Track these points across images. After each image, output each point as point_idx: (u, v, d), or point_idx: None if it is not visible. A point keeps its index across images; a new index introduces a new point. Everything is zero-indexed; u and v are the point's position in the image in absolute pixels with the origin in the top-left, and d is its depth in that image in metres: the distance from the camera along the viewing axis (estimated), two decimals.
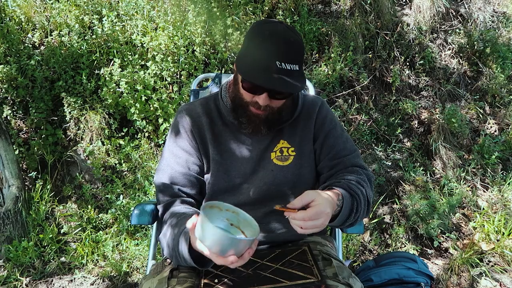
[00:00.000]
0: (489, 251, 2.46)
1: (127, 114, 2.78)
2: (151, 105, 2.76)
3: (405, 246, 2.55)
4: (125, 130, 2.83)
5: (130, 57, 2.81)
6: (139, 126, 2.78)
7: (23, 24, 2.89)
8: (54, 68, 2.76)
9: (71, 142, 2.81)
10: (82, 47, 2.77)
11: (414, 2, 3.67)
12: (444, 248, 2.59)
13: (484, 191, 2.99)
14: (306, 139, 1.29)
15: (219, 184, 1.25)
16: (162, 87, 2.80)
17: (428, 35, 3.62)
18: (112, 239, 2.43)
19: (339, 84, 3.24)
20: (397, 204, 2.81)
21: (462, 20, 3.77)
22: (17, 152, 2.64)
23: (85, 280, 2.25)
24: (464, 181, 2.99)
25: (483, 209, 2.76)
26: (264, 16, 3.21)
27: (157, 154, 2.82)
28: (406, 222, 2.67)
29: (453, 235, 2.60)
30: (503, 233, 2.53)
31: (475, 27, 3.72)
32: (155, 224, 1.49)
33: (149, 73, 2.75)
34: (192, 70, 2.88)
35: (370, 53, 3.42)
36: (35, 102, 2.71)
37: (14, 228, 2.37)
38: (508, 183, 2.93)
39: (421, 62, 3.52)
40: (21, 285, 2.19)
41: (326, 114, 1.33)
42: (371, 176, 1.26)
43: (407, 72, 3.52)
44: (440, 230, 2.62)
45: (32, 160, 2.69)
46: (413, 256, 1.88)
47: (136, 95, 2.71)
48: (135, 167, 2.74)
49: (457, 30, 3.71)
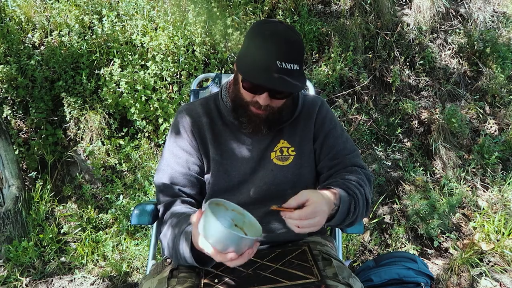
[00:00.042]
0: (489, 251, 2.46)
1: (127, 114, 2.78)
2: (151, 105, 2.76)
3: (405, 246, 2.55)
4: (125, 130, 2.83)
5: (130, 57, 2.81)
6: (139, 126, 2.78)
7: (23, 24, 2.89)
8: (54, 68, 2.76)
9: (71, 142, 2.81)
10: (82, 47, 2.77)
11: (414, 2, 3.67)
12: (444, 248, 2.59)
13: (484, 191, 2.99)
14: (306, 139, 1.29)
15: (219, 184, 1.25)
16: (162, 87, 2.80)
17: (428, 35, 3.62)
18: (112, 239, 2.43)
19: (339, 84, 3.24)
20: (397, 204, 2.81)
21: (462, 20, 3.77)
22: (17, 152, 2.64)
23: (85, 280, 2.25)
24: (464, 181, 2.99)
25: (483, 209, 2.76)
26: (264, 16, 3.21)
27: (157, 154, 2.82)
28: (406, 222, 2.67)
29: (453, 235, 2.60)
30: (503, 233, 2.53)
31: (475, 27, 3.72)
32: (155, 224, 1.49)
33: (149, 73, 2.75)
34: (192, 70, 2.88)
35: (370, 53, 3.42)
36: (35, 102, 2.71)
37: (14, 228, 2.37)
38: (508, 183, 2.93)
39: (421, 62, 3.52)
40: (21, 285, 2.19)
41: (326, 113, 1.33)
42: (370, 175, 1.26)
43: (407, 72, 3.52)
44: (440, 230, 2.62)
45: (32, 160, 2.69)
46: (413, 256, 1.88)
47: (136, 95, 2.72)
48: (135, 167, 2.74)
49: (457, 30, 3.71)
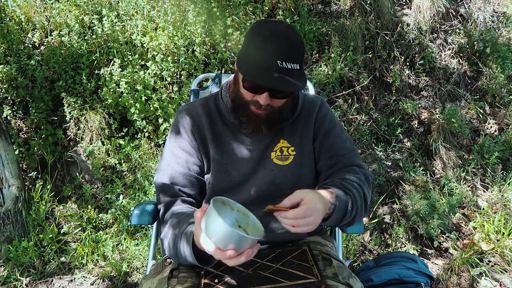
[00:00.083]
0: (489, 251, 2.46)
1: (127, 114, 2.78)
2: (151, 105, 2.76)
3: (405, 246, 2.55)
4: (125, 130, 2.83)
5: (130, 57, 2.81)
6: (139, 126, 2.78)
7: (23, 24, 2.89)
8: (54, 68, 2.76)
9: (71, 142, 2.81)
10: (82, 47, 2.77)
11: (414, 2, 3.67)
12: (444, 248, 2.59)
13: (484, 191, 2.99)
14: (306, 139, 1.29)
15: (219, 184, 1.25)
16: (162, 87, 2.80)
17: (428, 35, 3.62)
18: (112, 239, 2.43)
19: (339, 84, 3.24)
20: (397, 204, 2.81)
21: (462, 20, 3.77)
22: (17, 152, 2.64)
23: (85, 280, 2.25)
24: (464, 181, 2.99)
25: (483, 209, 2.76)
26: (264, 16, 3.21)
27: (157, 154, 2.82)
28: (406, 222, 2.67)
29: (453, 235, 2.60)
30: (503, 233, 2.53)
31: (475, 27, 3.72)
32: (155, 224, 1.49)
33: (149, 73, 2.75)
34: (192, 70, 2.88)
35: (370, 53, 3.42)
36: (35, 102, 2.71)
37: (14, 228, 2.37)
38: (508, 183, 2.93)
39: (421, 62, 3.52)
40: (21, 285, 2.19)
41: (326, 113, 1.33)
42: (369, 174, 1.26)
43: (407, 72, 3.52)
44: (440, 230, 2.62)
45: (32, 160, 2.69)
46: (413, 256, 1.88)
47: (136, 95, 2.71)
48: (135, 167, 2.74)
49: (457, 30, 3.71)
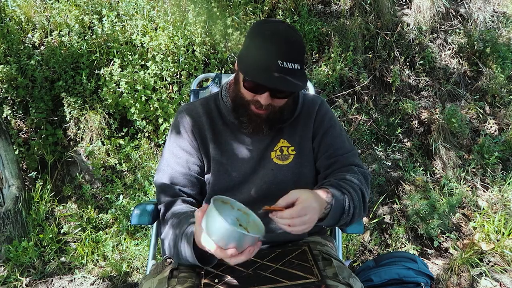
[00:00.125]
0: (489, 251, 2.46)
1: (127, 114, 2.78)
2: (151, 105, 2.76)
3: (405, 246, 2.55)
4: (125, 130, 2.83)
5: (130, 57, 2.81)
6: (139, 126, 2.78)
7: (23, 24, 2.89)
8: (54, 68, 2.76)
9: (71, 142, 2.81)
10: (82, 47, 2.77)
11: (414, 2, 3.67)
12: (444, 248, 2.59)
13: (484, 191, 2.99)
14: (306, 138, 1.29)
15: (219, 184, 1.25)
16: (162, 87, 2.80)
17: (428, 35, 3.62)
18: (112, 239, 2.43)
19: (339, 84, 3.24)
20: (397, 204, 2.81)
21: (462, 20, 3.77)
22: (17, 152, 2.64)
23: (85, 280, 2.25)
24: (464, 181, 2.99)
25: (483, 209, 2.76)
26: (264, 16, 3.21)
27: (157, 154, 2.82)
28: (406, 222, 2.67)
29: (453, 235, 2.60)
30: (503, 233, 2.53)
31: (475, 27, 3.72)
32: (155, 224, 1.49)
33: (149, 73, 2.75)
34: (192, 70, 2.88)
35: (370, 53, 3.42)
36: (35, 102, 2.71)
37: (14, 228, 2.37)
38: (508, 183, 2.93)
39: (421, 62, 3.52)
40: (21, 285, 2.19)
41: (326, 113, 1.33)
42: (367, 174, 1.26)
43: (407, 72, 3.52)
44: (440, 230, 2.62)
45: (32, 160, 2.69)
46: (413, 256, 1.88)
47: (136, 95, 2.71)
48: (135, 167, 2.74)
49: (457, 30, 3.71)
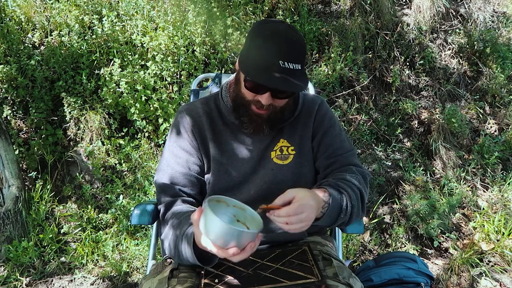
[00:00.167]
0: (489, 251, 2.46)
1: (127, 114, 2.78)
2: (151, 105, 2.76)
3: (405, 246, 2.55)
4: (125, 130, 2.83)
5: (130, 57, 2.81)
6: (139, 126, 2.78)
7: (23, 24, 2.89)
8: (54, 68, 2.76)
9: (71, 142, 2.81)
10: (82, 47, 2.77)
11: (414, 2, 3.67)
12: (444, 248, 2.59)
13: (484, 191, 2.99)
14: (306, 138, 1.30)
15: (219, 183, 1.25)
16: (162, 87, 2.80)
17: (428, 35, 3.62)
18: (112, 239, 2.43)
19: (339, 84, 3.24)
20: (397, 204, 2.81)
21: (462, 20, 3.77)
22: (17, 152, 2.64)
23: (85, 280, 2.25)
24: (464, 181, 2.99)
25: (483, 209, 2.76)
26: (264, 16, 3.21)
27: (157, 154, 2.82)
28: (406, 222, 2.67)
29: (453, 235, 2.60)
30: (503, 233, 2.53)
31: (475, 27, 3.72)
32: (155, 224, 1.49)
33: (149, 73, 2.75)
34: (192, 70, 2.88)
35: (370, 53, 3.42)
36: (35, 102, 2.71)
37: (14, 228, 2.37)
38: (508, 183, 2.93)
39: (421, 62, 3.52)
40: (21, 285, 2.19)
41: (325, 112, 1.33)
42: (366, 174, 1.27)
43: (407, 72, 3.52)
44: (440, 230, 2.62)
45: (32, 160, 2.69)
46: (413, 256, 1.88)
47: (136, 95, 2.71)
48: (135, 167, 2.74)
49: (457, 30, 3.71)
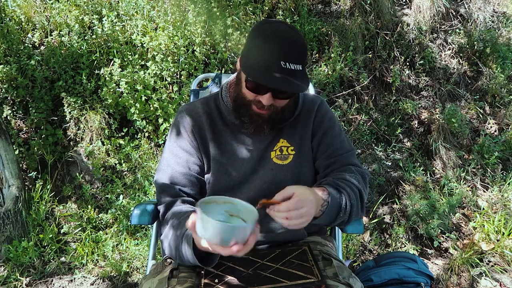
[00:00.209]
0: (489, 251, 2.46)
1: (127, 114, 2.78)
2: (151, 105, 2.76)
3: (405, 246, 2.55)
4: (125, 130, 2.83)
5: (130, 57, 2.81)
6: (139, 126, 2.78)
7: (23, 24, 2.89)
8: (54, 68, 2.76)
9: (71, 142, 2.81)
10: (82, 47, 2.77)
11: (414, 2, 3.67)
12: (444, 248, 2.59)
13: (484, 191, 2.99)
14: (306, 138, 1.30)
15: (219, 183, 1.25)
16: (162, 87, 2.80)
17: (428, 35, 3.62)
18: (112, 239, 2.43)
19: (339, 84, 3.24)
20: (397, 204, 2.81)
21: (462, 20, 3.77)
22: (17, 152, 2.64)
23: (85, 280, 2.25)
24: (464, 181, 2.99)
25: (483, 209, 2.76)
26: (264, 16, 3.21)
27: (157, 154, 2.82)
28: (406, 222, 2.67)
29: (453, 235, 2.60)
30: (503, 233, 2.53)
31: (475, 27, 3.72)
32: (155, 224, 1.49)
33: (149, 73, 2.75)
34: (192, 70, 2.88)
35: (370, 53, 3.42)
36: (35, 102, 2.71)
37: (14, 228, 2.37)
38: (508, 183, 2.93)
39: (421, 62, 3.52)
40: (21, 285, 2.19)
41: (325, 112, 1.33)
42: (365, 174, 1.27)
43: (407, 72, 3.52)
44: (440, 230, 2.62)
45: (32, 160, 2.69)
46: (413, 256, 1.88)
47: (136, 95, 2.71)
48: (135, 167, 2.74)
49: (457, 30, 3.71)
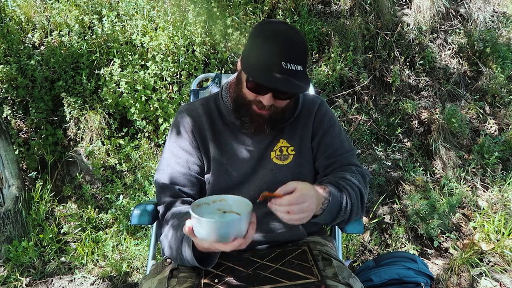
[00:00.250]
0: (489, 251, 2.46)
1: (127, 114, 2.78)
2: (151, 105, 2.76)
3: (405, 246, 2.54)
4: (125, 130, 2.83)
5: (130, 57, 2.81)
6: (139, 126, 2.78)
7: (23, 24, 2.89)
8: (54, 68, 2.76)
9: (71, 142, 2.81)
10: (82, 47, 2.77)
11: (414, 2, 3.67)
12: (444, 248, 2.59)
13: (484, 191, 2.99)
14: (305, 138, 1.30)
15: (219, 184, 1.25)
16: (162, 87, 2.80)
17: (428, 35, 3.62)
18: (112, 239, 2.43)
19: (339, 84, 3.24)
20: (397, 204, 2.81)
21: (462, 20, 3.77)
22: (17, 152, 2.64)
23: (85, 280, 2.25)
24: (464, 181, 2.99)
25: (483, 209, 2.76)
26: (264, 16, 3.21)
27: (157, 154, 2.82)
28: (406, 222, 2.67)
29: (453, 235, 2.60)
30: (503, 233, 2.52)
31: (475, 27, 3.72)
32: (155, 224, 1.49)
33: (149, 73, 2.75)
34: (192, 70, 2.88)
35: (370, 53, 3.42)
36: (35, 102, 2.71)
37: (14, 228, 2.37)
38: (508, 183, 2.93)
39: (421, 62, 3.52)
40: (21, 285, 2.19)
41: (325, 112, 1.33)
42: (366, 174, 1.27)
43: (407, 72, 3.52)
44: (440, 230, 2.62)
45: (32, 160, 2.69)
46: (413, 256, 1.88)
47: (136, 95, 2.71)
48: (135, 167, 2.74)
49: (457, 30, 3.71)
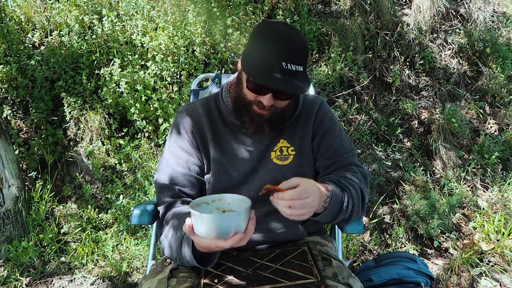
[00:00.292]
0: (489, 251, 2.46)
1: (127, 114, 2.78)
2: (151, 105, 2.76)
3: (405, 246, 2.54)
4: (125, 130, 2.83)
5: (130, 57, 2.81)
6: (139, 126, 2.78)
7: (23, 24, 2.89)
8: (54, 68, 2.76)
9: (71, 142, 2.81)
10: (82, 47, 2.77)
11: (414, 2, 3.67)
12: (444, 248, 2.59)
13: (484, 191, 2.99)
14: (306, 138, 1.30)
15: (219, 184, 1.25)
16: (162, 87, 2.80)
17: (428, 35, 3.62)
18: (112, 239, 2.43)
19: (339, 84, 3.24)
20: (397, 204, 2.81)
21: (462, 20, 3.77)
22: (17, 152, 2.64)
23: (85, 280, 2.25)
24: (464, 181, 2.99)
25: (483, 209, 2.76)
26: (264, 16, 3.21)
27: (157, 154, 2.82)
28: (406, 222, 2.67)
29: (453, 235, 2.60)
30: (503, 233, 2.52)
31: (475, 27, 3.72)
32: (155, 224, 1.49)
33: (149, 73, 2.75)
34: (192, 70, 2.88)
35: (370, 53, 3.42)
36: (35, 102, 2.71)
37: (14, 228, 2.37)
38: (508, 183, 2.93)
39: (421, 62, 3.52)
40: (21, 285, 2.19)
41: (326, 113, 1.33)
42: (366, 173, 1.28)
43: (407, 72, 3.52)
44: (440, 230, 2.62)
45: (32, 160, 2.69)
46: (413, 256, 1.88)
47: (136, 95, 2.71)
48: (135, 167, 2.74)
49: (457, 30, 3.71)
